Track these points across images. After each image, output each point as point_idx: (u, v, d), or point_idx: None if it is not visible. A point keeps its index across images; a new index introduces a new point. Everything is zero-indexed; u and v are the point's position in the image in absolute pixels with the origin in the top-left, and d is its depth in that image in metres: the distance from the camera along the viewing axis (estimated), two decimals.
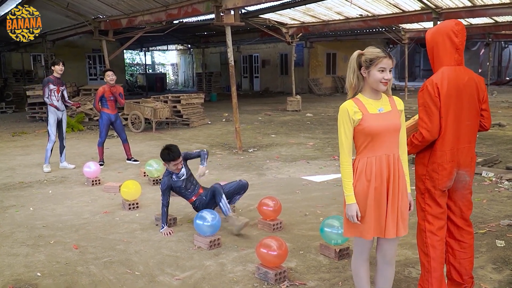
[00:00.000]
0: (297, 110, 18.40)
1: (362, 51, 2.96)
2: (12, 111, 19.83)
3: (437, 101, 3.22)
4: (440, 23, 3.45)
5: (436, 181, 3.31)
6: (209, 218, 4.77)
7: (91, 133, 13.56)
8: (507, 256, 4.40)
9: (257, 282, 4.01)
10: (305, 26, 18.66)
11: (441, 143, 3.28)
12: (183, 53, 40.48)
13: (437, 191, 3.33)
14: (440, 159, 3.29)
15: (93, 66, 28.37)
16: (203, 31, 25.83)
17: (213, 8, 10.40)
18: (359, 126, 2.92)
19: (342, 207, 5.97)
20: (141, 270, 4.32)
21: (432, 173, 3.32)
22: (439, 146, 3.29)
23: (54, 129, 8.46)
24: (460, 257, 3.49)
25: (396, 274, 3.96)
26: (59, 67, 8.33)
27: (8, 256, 4.71)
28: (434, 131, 3.24)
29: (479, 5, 14.26)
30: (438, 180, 3.31)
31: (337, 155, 9.36)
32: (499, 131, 12.05)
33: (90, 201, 6.65)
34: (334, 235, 4.41)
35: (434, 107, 3.22)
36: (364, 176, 2.93)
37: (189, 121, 14.60)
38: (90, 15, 15.16)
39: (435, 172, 3.31)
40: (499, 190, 6.64)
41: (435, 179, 3.32)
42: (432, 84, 3.24)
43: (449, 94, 3.22)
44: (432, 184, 3.33)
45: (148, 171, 7.46)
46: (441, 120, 3.25)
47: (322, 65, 29.00)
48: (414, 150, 3.37)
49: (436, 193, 3.33)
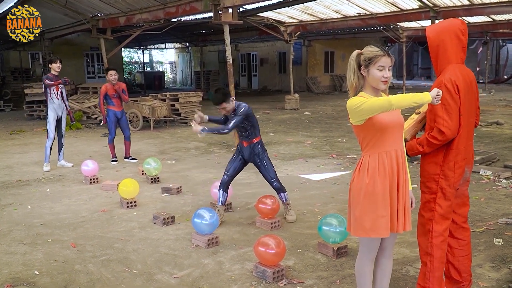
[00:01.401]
0: (295, 108, 18.40)
1: (361, 51, 2.95)
2: (10, 109, 19.79)
3: (457, 99, 3.19)
4: (443, 21, 3.43)
5: (452, 180, 3.28)
6: (207, 217, 4.77)
7: (89, 132, 13.54)
8: (505, 254, 4.41)
9: (255, 281, 4.02)
10: (303, 25, 18.65)
11: (458, 141, 3.26)
12: (181, 52, 40.42)
13: (452, 189, 3.30)
14: (456, 157, 3.27)
15: (91, 64, 28.30)
16: (201, 30, 25.80)
17: (211, 6, 10.39)
18: (370, 120, 2.87)
19: (340, 205, 6.00)
20: (139, 269, 4.32)
21: (447, 172, 3.28)
22: (456, 144, 3.26)
23: (53, 127, 8.46)
24: (459, 255, 3.49)
25: (394, 272, 3.97)
26: (56, 65, 8.31)
27: (6, 254, 4.71)
28: (454, 129, 3.20)
29: (477, 3, 14.28)
30: (454, 179, 3.28)
31: (335, 154, 9.37)
32: (496, 129, 12.07)
33: (88, 199, 6.65)
34: (332, 234, 4.41)
35: (454, 104, 3.18)
36: (378, 175, 2.90)
37: (187, 120, 14.59)
38: (88, 13, 15.14)
39: (451, 170, 3.27)
40: (497, 189, 6.65)
41: (450, 177, 3.28)
42: (451, 82, 3.20)
43: (464, 91, 3.23)
44: (447, 183, 3.29)
45: (146, 170, 7.46)
46: (461, 118, 3.23)
47: (320, 64, 28.98)
48: (430, 149, 3.29)
49: (451, 192, 3.31)
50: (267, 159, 5.55)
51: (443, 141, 3.22)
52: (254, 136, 5.48)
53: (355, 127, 2.97)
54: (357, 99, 2.86)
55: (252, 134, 5.46)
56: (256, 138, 5.50)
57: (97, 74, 27.97)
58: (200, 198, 6.56)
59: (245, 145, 5.49)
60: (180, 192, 6.86)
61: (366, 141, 2.97)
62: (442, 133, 3.19)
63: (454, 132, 3.21)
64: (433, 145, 3.25)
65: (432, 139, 3.23)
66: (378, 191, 2.90)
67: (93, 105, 15.34)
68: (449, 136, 3.21)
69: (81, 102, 15.71)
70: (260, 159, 5.52)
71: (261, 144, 5.55)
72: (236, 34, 23.59)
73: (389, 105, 2.73)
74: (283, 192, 5.58)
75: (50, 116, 8.40)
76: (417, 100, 2.73)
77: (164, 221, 5.43)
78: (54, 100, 8.34)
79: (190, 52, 38.34)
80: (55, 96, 8.33)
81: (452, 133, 3.20)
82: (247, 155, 5.54)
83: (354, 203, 3.00)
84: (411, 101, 2.73)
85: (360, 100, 2.84)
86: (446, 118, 3.19)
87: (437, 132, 3.21)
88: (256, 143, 5.50)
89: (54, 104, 8.36)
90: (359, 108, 2.82)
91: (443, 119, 3.20)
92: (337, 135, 11.86)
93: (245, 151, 5.52)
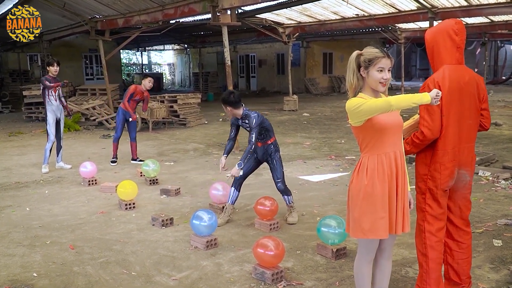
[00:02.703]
0: (293, 109, 18.40)
1: (360, 52, 2.94)
2: (9, 111, 19.77)
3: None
4: (439, 23, 3.43)
5: (438, 181, 3.29)
6: (206, 218, 4.77)
7: (87, 133, 13.53)
8: (504, 256, 4.41)
9: (254, 282, 4.01)
10: (302, 26, 18.65)
11: (443, 142, 3.26)
12: (179, 53, 40.42)
13: (439, 190, 3.31)
14: (442, 158, 3.27)
15: (89, 66, 28.27)
16: (200, 31, 25.79)
17: (210, 8, 10.38)
18: (369, 121, 2.86)
19: (338, 206, 6.00)
20: (137, 271, 4.31)
21: (434, 173, 3.30)
22: (441, 145, 3.26)
23: (54, 129, 8.43)
24: (458, 258, 3.49)
25: (393, 274, 3.96)
26: (54, 68, 8.28)
27: (4, 256, 4.70)
28: (435, 130, 3.21)
29: (475, 4, 14.29)
30: (440, 180, 3.29)
31: (334, 155, 9.37)
32: (495, 130, 12.08)
33: (87, 201, 6.63)
34: (331, 235, 4.41)
35: (435, 105, 3.16)
36: (377, 176, 2.90)
37: (186, 121, 14.59)
38: (87, 15, 15.13)
39: (437, 171, 3.29)
40: (496, 190, 6.65)
41: (437, 178, 3.30)
42: (433, 82, 3.21)
43: (450, 92, 3.21)
44: (434, 184, 3.31)
45: (145, 171, 7.45)
46: (443, 119, 3.23)
47: (319, 65, 29.01)
48: (415, 149, 3.34)
49: (438, 193, 3.31)
50: (278, 159, 5.61)
51: (424, 141, 3.26)
52: (269, 138, 5.57)
53: (354, 128, 2.97)
54: (356, 100, 2.86)
55: (266, 136, 5.55)
56: (270, 140, 5.59)
57: (95, 76, 27.93)
58: (199, 200, 6.55)
59: (259, 145, 5.57)
60: (179, 193, 6.85)
61: (365, 142, 2.96)
62: (422, 133, 3.23)
63: (435, 133, 3.22)
64: (417, 144, 3.30)
65: (416, 139, 3.29)
66: (377, 192, 2.90)
67: (91, 107, 15.31)
68: (429, 137, 3.23)
69: (80, 103, 15.67)
70: (271, 158, 5.59)
71: (274, 144, 5.64)
72: (234, 36, 23.61)
73: (389, 105, 2.72)
74: (287, 195, 5.60)
75: (49, 118, 8.38)
76: (416, 100, 2.72)
77: (162, 223, 5.42)
78: (53, 102, 8.33)
79: (188, 53, 38.33)
80: (53, 98, 8.32)
81: (433, 133, 3.22)
82: (260, 155, 5.62)
83: (353, 204, 2.99)
84: (410, 101, 2.72)
85: (360, 101, 2.83)
86: (427, 119, 3.22)
87: (419, 132, 3.26)
88: (270, 144, 5.59)
89: (52, 106, 8.35)
90: (359, 109, 2.82)
91: (424, 120, 3.24)
92: (336, 136, 11.86)
93: (259, 151, 5.61)
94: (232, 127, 5.65)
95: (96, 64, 27.99)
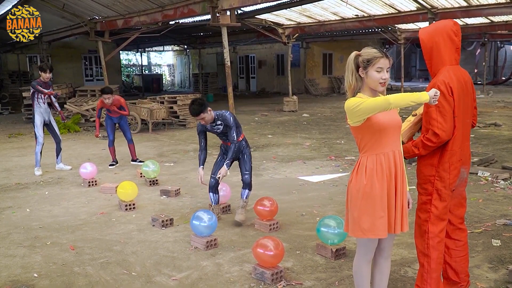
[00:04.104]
0: (293, 110, 18.41)
1: (359, 52, 2.95)
2: (8, 112, 19.77)
3: (451, 101, 3.19)
4: (435, 23, 3.43)
5: (447, 181, 3.29)
6: (205, 219, 4.78)
7: (87, 134, 13.54)
8: (503, 255, 4.42)
9: (253, 282, 4.02)
10: (301, 27, 18.67)
11: (452, 142, 3.26)
12: (179, 54, 40.43)
13: (448, 191, 3.31)
14: (451, 158, 3.27)
15: (89, 67, 28.27)
16: (199, 32, 25.81)
17: (209, 8, 10.41)
18: (368, 121, 2.88)
19: (338, 206, 6.01)
20: (137, 271, 4.32)
21: (443, 173, 3.29)
22: (450, 145, 3.26)
23: (41, 131, 8.38)
24: (456, 256, 3.50)
25: (392, 274, 3.98)
26: (46, 75, 8.21)
27: (5, 257, 4.71)
28: (449, 131, 3.21)
29: (475, 5, 14.30)
30: (449, 180, 3.29)
31: (334, 155, 9.38)
32: (494, 130, 12.09)
33: (87, 202, 6.64)
34: (330, 235, 4.42)
35: (448, 106, 3.18)
36: (376, 176, 2.91)
37: (185, 122, 14.60)
38: (86, 16, 15.15)
39: (446, 172, 3.28)
40: (495, 190, 6.67)
41: (446, 179, 3.29)
42: (445, 84, 3.20)
43: (458, 93, 3.23)
44: (443, 185, 3.30)
45: (145, 172, 7.46)
46: (455, 119, 3.24)
47: (319, 66, 29.01)
48: (425, 152, 3.29)
49: (447, 193, 3.31)
50: (248, 154, 5.68)
51: (438, 143, 3.23)
52: (239, 135, 5.57)
53: (353, 128, 2.98)
54: (355, 100, 2.87)
55: (238, 133, 5.55)
56: (241, 136, 5.62)
57: (95, 77, 27.93)
58: (199, 200, 6.57)
59: (229, 144, 5.54)
60: (179, 194, 6.86)
61: (364, 142, 2.97)
62: (436, 135, 3.20)
63: (449, 134, 3.22)
64: (428, 147, 3.25)
65: (427, 142, 3.24)
66: (376, 192, 2.91)
67: (91, 108, 15.33)
68: (444, 138, 3.21)
69: (79, 105, 15.69)
70: (243, 154, 5.65)
71: (245, 140, 5.69)
72: (234, 37, 23.63)
73: (387, 104, 2.73)
74: (248, 190, 5.67)
75: (37, 120, 8.34)
76: (415, 99, 2.74)
77: (162, 223, 5.43)
78: (41, 104, 8.31)
79: (188, 54, 38.35)
80: (41, 101, 8.31)
81: (447, 135, 3.21)
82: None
83: (352, 204, 3.00)
84: (409, 100, 2.74)
85: (358, 100, 2.85)
86: (441, 120, 3.19)
87: (432, 135, 3.21)
88: (242, 140, 5.63)
89: (41, 108, 8.31)
90: (358, 108, 2.82)
91: (438, 121, 3.20)
92: (336, 137, 11.87)
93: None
94: (200, 136, 5.60)
95: (95, 65, 27.99)
